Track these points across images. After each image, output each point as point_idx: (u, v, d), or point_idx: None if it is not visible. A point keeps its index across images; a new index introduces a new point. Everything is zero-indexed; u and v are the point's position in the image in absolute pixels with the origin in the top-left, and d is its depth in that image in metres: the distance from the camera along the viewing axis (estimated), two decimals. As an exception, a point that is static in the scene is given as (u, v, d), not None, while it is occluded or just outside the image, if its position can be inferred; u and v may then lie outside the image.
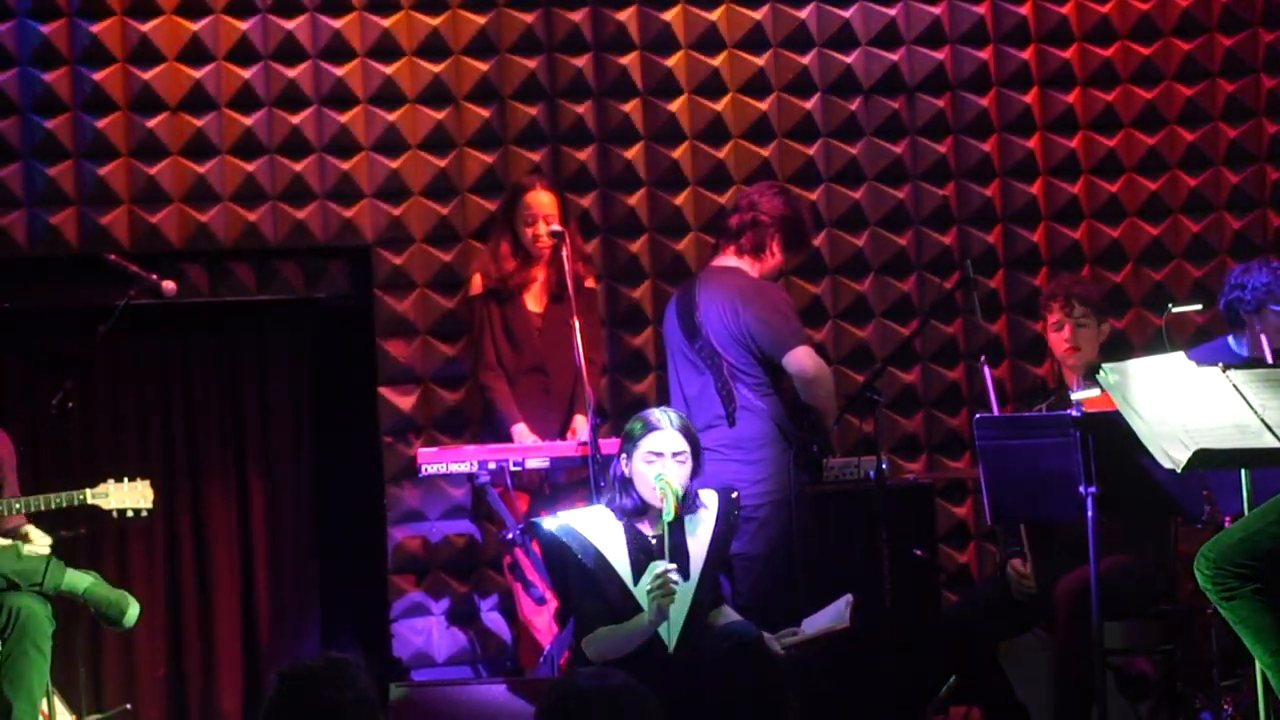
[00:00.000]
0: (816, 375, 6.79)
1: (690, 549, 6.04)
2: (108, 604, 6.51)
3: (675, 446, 6.01)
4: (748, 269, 6.91)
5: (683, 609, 5.94)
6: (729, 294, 6.83)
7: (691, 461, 6.05)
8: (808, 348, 6.82)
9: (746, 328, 6.78)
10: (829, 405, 6.86)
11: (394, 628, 7.70)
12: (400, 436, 7.73)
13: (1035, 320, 8.11)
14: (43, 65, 7.55)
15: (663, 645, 5.90)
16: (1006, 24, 8.19)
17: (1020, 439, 5.95)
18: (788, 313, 6.87)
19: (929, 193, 8.15)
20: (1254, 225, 8.24)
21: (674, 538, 5.95)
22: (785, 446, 6.76)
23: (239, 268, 7.75)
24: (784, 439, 6.77)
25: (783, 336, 6.78)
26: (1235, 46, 8.25)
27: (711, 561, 6.06)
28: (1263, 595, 4.95)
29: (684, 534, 6.04)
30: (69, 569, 6.50)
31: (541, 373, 7.19)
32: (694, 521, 6.08)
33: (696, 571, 6.01)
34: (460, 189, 7.84)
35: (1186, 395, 5.21)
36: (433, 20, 7.81)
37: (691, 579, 5.99)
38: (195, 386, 7.88)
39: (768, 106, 8.04)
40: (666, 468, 5.97)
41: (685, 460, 6.02)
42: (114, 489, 6.65)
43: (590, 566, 5.96)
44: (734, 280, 6.89)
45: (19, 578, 6.40)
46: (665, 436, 6.02)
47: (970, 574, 8.05)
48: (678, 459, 6.01)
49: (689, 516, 6.06)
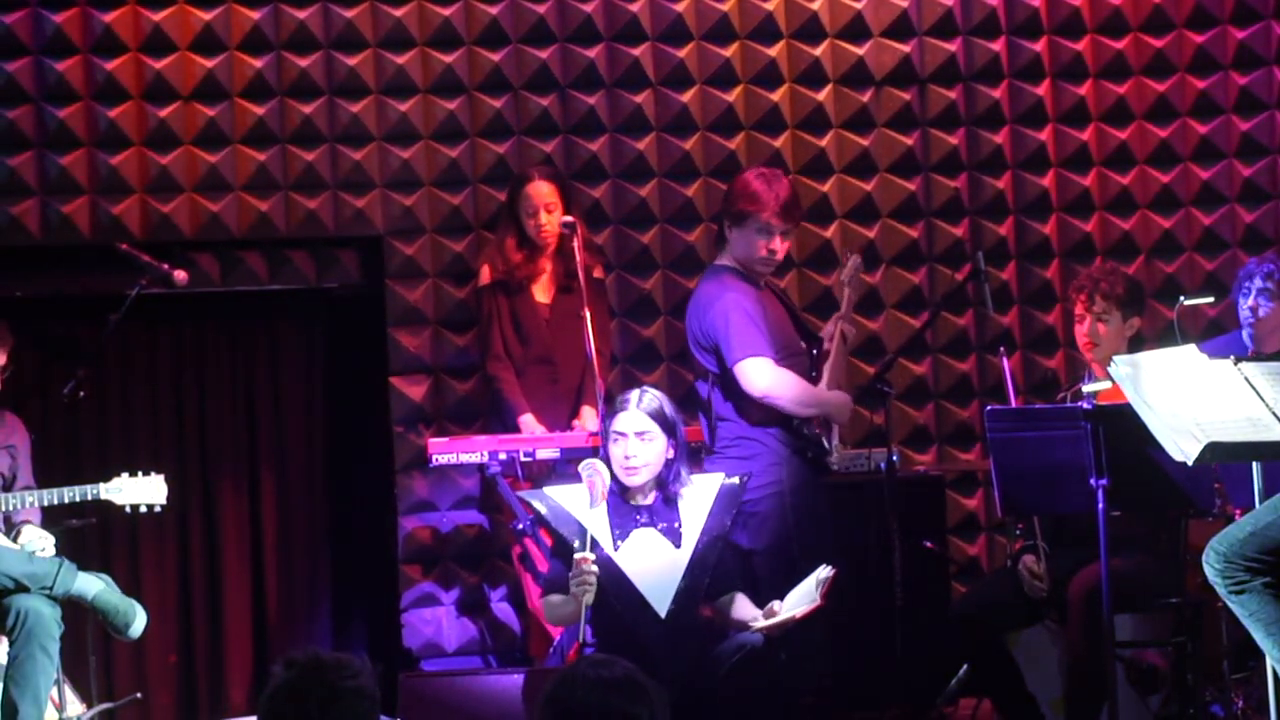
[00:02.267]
0: (766, 390, 6.47)
1: (683, 519, 6.05)
2: (115, 612, 6.51)
3: (636, 426, 6.01)
4: (729, 264, 6.70)
5: (675, 577, 5.96)
6: (696, 297, 6.73)
7: (664, 439, 6.02)
8: (759, 360, 6.48)
9: (705, 334, 6.67)
10: (800, 412, 6.58)
11: (404, 617, 7.71)
12: (411, 426, 7.74)
13: (1047, 312, 8.14)
14: (55, 55, 7.55)
15: (656, 614, 5.91)
16: (1019, 16, 8.17)
17: (1031, 431, 5.94)
18: (740, 322, 6.49)
19: (941, 184, 8.14)
20: (1266, 218, 8.23)
21: (666, 509, 6.04)
22: (777, 444, 6.61)
23: (250, 257, 7.76)
24: (775, 438, 6.63)
25: (729, 347, 6.52)
26: (1248, 39, 8.23)
27: (709, 531, 6.05)
28: (1273, 589, 4.96)
29: (676, 507, 6.07)
30: (80, 573, 6.49)
31: (549, 363, 7.20)
32: (692, 493, 6.10)
33: (690, 542, 6.01)
34: (472, 179, 7.84)
35: (1198, 388, 5.21)
36: (445, 10, 7.81)
37: (684, 547, 6.00)
38: (206, 376, 7.89)
39: (780, 98, 8.04)
40: (630, 446, 6.00)
41: (651, 439, 6.00)
42: (127, 483, 6.64)
43: (563, 533, 5.99)
44: (706, 282, 6.74)
45: (29, 580, 6.40)
46: (627, 417, 6.04)
47: (981, 566, 8.04)
48: (641, 438, 6.00)
49: (684, 490, 6.07)
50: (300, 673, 3.51)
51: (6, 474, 6.72)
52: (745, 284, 6.64)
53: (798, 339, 6.76)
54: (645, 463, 6.02)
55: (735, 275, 6.66)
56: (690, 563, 6.00)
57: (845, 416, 6.75)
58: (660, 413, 6.05)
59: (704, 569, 6.02)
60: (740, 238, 6.64)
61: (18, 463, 6.75)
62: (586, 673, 3.56)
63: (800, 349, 6.73)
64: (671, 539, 6.02)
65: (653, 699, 3.54)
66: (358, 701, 3.50)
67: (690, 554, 6.01)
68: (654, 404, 6.06)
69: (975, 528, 8.10)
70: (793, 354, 6.66)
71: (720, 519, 6.11)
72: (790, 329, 6.75)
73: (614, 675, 3.55)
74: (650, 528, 6.03)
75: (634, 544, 6.00)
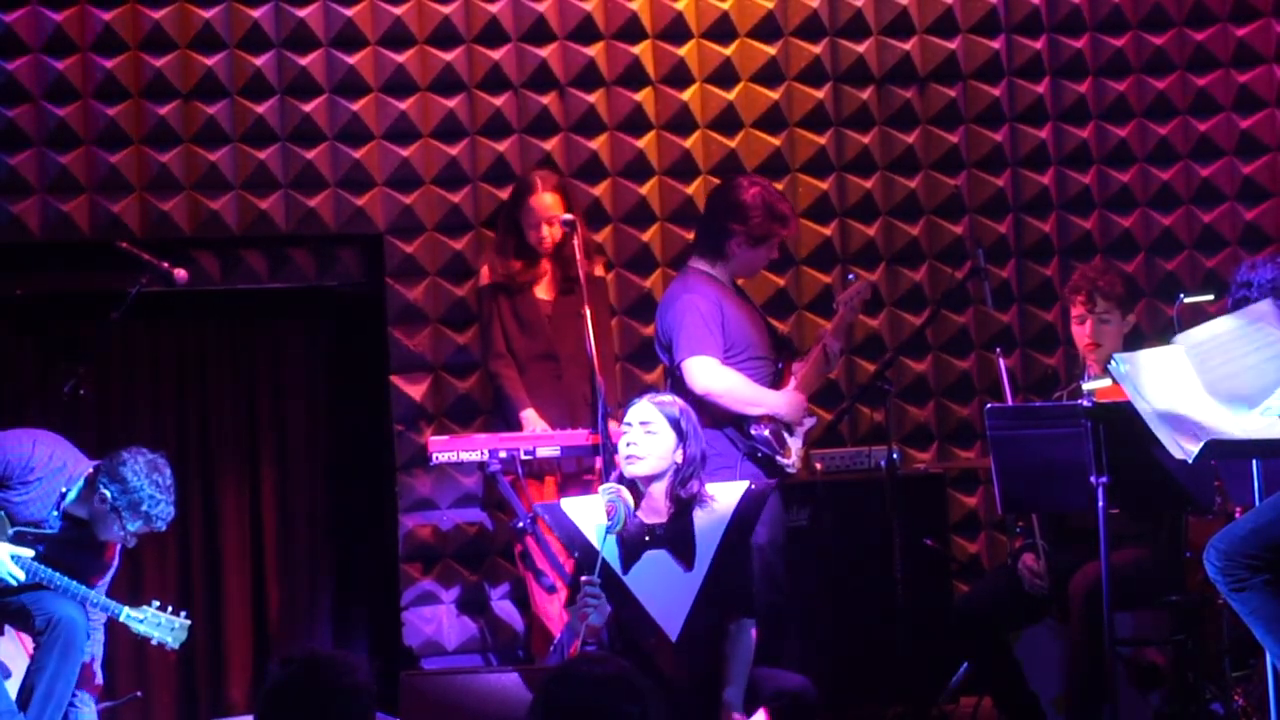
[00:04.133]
0: (707, 389, 6.51)
1: (698, 536, 5.88)
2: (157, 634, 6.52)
3: (642, 416, 5.87)
4: (705, 268, 6.73)
5: (687, 599, 5.81)
6: (663, 297, 6.77)
7: (672, 438, 5.84)
8: (702, 358, 6.54)
9: (663, 332, 6.70)
10: (743, 411, 6.57)
11: (404, 616, 7.71)
12: (411, 424, 7.74)
13: (1047, 310, 8.14)
14: (55, 53, 7.55)
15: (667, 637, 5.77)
16: (1019, 14, 8.17)
17: (1032, 429, 5.94)
18: (692, 322, 6.58)
19: (941, 182, 8.15)
20: (1266, 215, 8.23)
21: (678, 526, 5.85)
22: (728, 445, 6.56)
23: (250, 256, 7.76)
24: (725, 439, 6.56)
25: (679, 344, 6.57)
26: (1247, 37, 8.23)
27: (723, 551, 5.87)
28: (1274, 586, 4.96)
29: (691, 523, 5.89)
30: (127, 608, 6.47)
31: (553, 359, 7.18)
32: (708, 511, 5.91)
33: (704, 563, 5.85)
34: (472, 178, 7.84)
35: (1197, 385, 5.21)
36: (445, 8, 7.81)
37: (697, 568, 5.84)
38: (207, 374, 7.89)
39: (780, 95, 8.04)
40: (633, 434, 5.85)
41: (654, 431, 5.84)
42: (150, 616, 6.51)
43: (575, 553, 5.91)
44: (674, 283, 6.83)
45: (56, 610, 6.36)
46: (636, 407, 5.91)
47: (981, 564, 8.04)
48: (645, 427, 5.85)
49: (700, 508, 5.89)
50: (298, 671, 3.52)
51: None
52: (713, 286, 6.70)
53: (765, 345, 6.79)
54: (646, 454, 5.85)
55: (706, 278, 6.72)
56: (703, 584, 5.83)
57: (797, 416, 6.69)
58: (671, 411, 5.89)
59: (717, 588, 5.84)
60: (753, 255, 6.74)
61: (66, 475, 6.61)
62: (580, 670, 3.58)
63: (767, 355, 6.76)
64: (683, 560, 5.83)
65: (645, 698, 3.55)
66: (355, 699, 3.51)
67: (702, 574, 5.84)
68: (667, 402, 5.93)
69: (976, 526, 8.11)
70: (755, 358, 6.70)
71: (739, 532, 5.92)
72: (758, 334, 6.77)
73: (607, 673, 3.56)
74: (661, 549, 5.85)
75: (644, 566, 5.83)
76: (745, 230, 6.67)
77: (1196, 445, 5.05)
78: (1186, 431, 5.11)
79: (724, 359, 6.58)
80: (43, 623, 6.34)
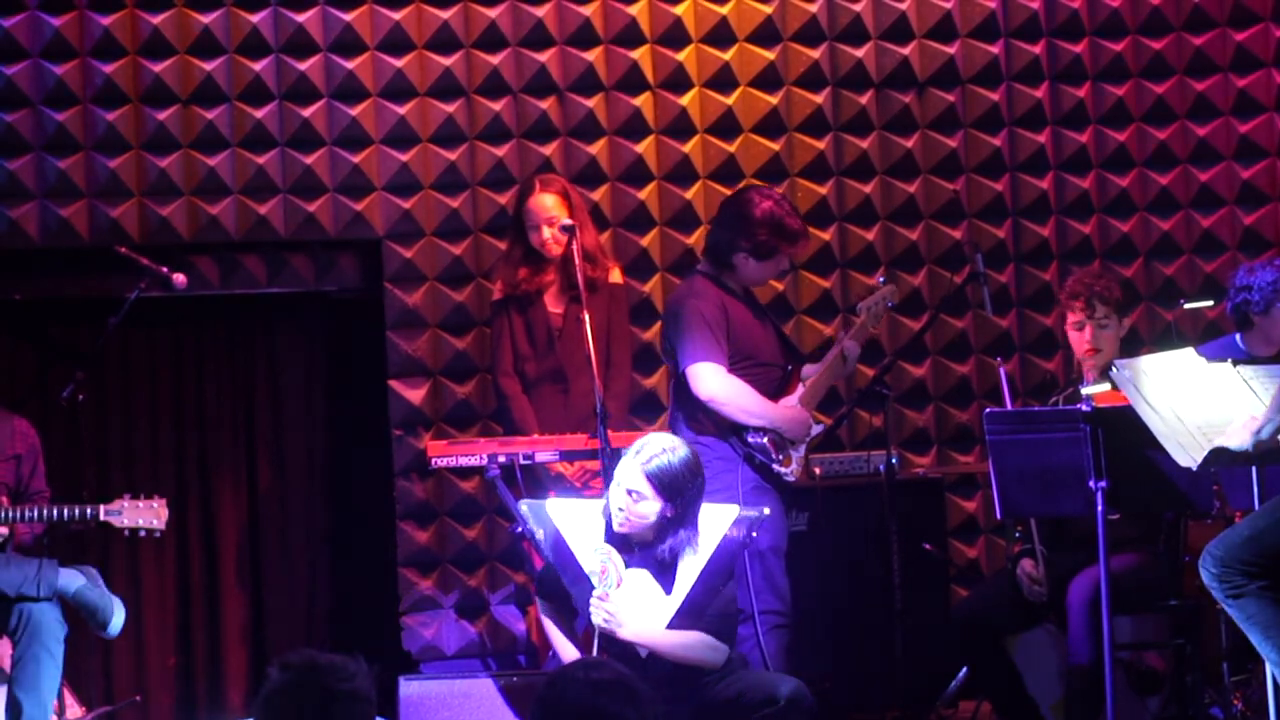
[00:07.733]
0: (712, 395, 6.49)
1: (682, 561, 5.72)
2: (95, 609, 6.49)
3: (629, 483, 5.65)
4: (711, 272, 6.70)
5: (660, 623, 5.68)
6: (668, 301, 6.76)
7: (658, 503, 5.63)
8: (708, 365, 6.51)
9: (668, 337, 6.69)
10: (746, 421, 6.55)
11: (403, 621, 7.71)
12: (410, 429, 7.74)
13: (1046, 315, 8.14)
14: (54, 58, 7.56)
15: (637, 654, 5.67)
16: (1017, 19, 8.18)
17: (1030, 434, 5.94)
18: (698, 327, 6.53)
19: (939, 187, 8.15)
20: (1264, 220, 8.23)
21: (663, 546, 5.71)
22: (727, 450, 6.55)
23: (249, 261, 7.77)
24: (725, 444, 6.56)
25: (683, 349, 6.56)
26: (1246, 41, 8.24)
27: (704, 579, 5.71)
28: (1270, 592, 4.96)
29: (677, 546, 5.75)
30: (61, 568, 6.46)
31: (561, 378, 7.07)
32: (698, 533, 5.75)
33: (684, 587, 5.70)
34: (470, 183, 7.84)
35: (1200, 391, 5.21)
36: (443, 14, 7.81)
37: (675, 593, 5.70)
38: (206, 379, 7.90)
39: (778, 100, 8.04)
40: (620, 499, 5.66)
41: (640, 499, 5.63)
42: (128, 506, 6.57)
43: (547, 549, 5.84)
44: (680, 287, 6.83)
45: (8, 587, 6.37)
46: (626, 467, 5.68)
47: (980, 568, 8.04)
48: (631, 495, 5.64)
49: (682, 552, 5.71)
50: (295, 675, 3.52)
51: (12, 483, 6.67)
52: (719, 291, 6.68)
53: (773, 351, 6.76)
54: (634, 521, 5.67)
55: (712, 283, 6.69)
56: (680, 609, 5.69)
57: (799, 434, 6.63)
58: (660, 476, 5.62)
59: (692, 615, 5.69)
60: (758, 268, 6.69)
61: (23, 470, 6.70)
62: (577, 674, 3.58)
63: (774, 361, 6.73)
64: (664, 582, 5.71)
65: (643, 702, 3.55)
66: (353, 704, 3.51)
67: (680, 601, 5.70)
68: (657, 465, 5.63)
69: (974, 530, 8.11)
70: (761, 364, 6.68)
71: (723, 560, 5.78)
72: (764, 340, 6.74)
73: (604, 677, 3.56)
74: (643, 568, 5.73)
75: (624, 583, 5.70)
76: (750, 246, 6.66)
77: (1201, 451, 5.05)
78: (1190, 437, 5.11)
79: (729, 365, 6.58)
80: (14, 620, 6.36)
